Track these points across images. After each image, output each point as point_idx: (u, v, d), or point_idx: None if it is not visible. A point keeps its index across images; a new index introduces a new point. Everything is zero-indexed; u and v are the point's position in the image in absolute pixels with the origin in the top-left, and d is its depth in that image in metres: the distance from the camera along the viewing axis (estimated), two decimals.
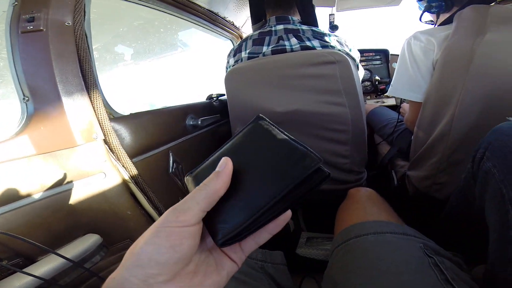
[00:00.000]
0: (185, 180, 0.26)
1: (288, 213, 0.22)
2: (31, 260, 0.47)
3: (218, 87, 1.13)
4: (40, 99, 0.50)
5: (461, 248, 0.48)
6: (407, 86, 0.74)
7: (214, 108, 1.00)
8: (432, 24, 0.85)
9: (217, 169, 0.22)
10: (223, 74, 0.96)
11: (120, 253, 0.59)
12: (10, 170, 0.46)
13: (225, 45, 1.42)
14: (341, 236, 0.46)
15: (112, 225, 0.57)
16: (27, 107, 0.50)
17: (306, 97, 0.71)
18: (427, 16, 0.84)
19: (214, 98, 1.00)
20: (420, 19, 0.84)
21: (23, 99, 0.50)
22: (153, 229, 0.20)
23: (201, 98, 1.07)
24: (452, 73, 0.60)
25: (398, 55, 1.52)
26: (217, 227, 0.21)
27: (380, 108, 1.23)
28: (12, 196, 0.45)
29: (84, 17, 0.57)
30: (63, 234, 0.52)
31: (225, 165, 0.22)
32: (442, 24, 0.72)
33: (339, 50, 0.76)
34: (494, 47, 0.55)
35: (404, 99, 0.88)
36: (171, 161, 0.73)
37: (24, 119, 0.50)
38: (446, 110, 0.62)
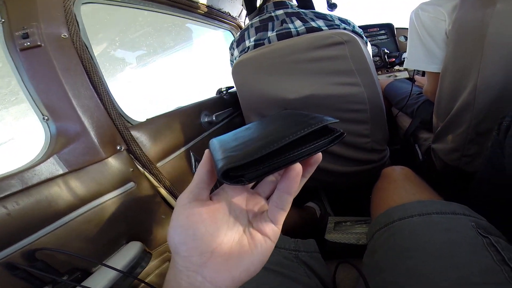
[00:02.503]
0: (209, 142, 0.27)
1: (298, 168, 0.21)
2: (87, 272, 0.50)
3: (226, 80, 1.12)
4: (59, 117, 0.52)
5: (497, 223, 0.46)
6: (423, 57, 0.72)
7: (225, 102, 1.01)
8: None
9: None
10: (227, 66, 0.96)
11: (161, 256, 0.61)
12: (49, 190, 0.48)
13: (224, 36, 1.40)
14: (383, 218, 0.44)
15: (150, 230, 0.59)
16: (49, 127, 0.52)
17: (318, 81, 0.69)
18: None
19: (224, 92, 1.00)
20: None
21: (43, 118, 0.52)
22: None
23: (210, 91, 1.08)
24: (468, 46, 0.59)
25: (403, 29, 1.50)
26: (222, 161, 0.20)
27: (396, 81, 1.19)
28: (57, 214, 0.48)
29: (79, 27, 0.57)
30: (108, 244, 0.54)
31: (204, 156, 0.25)
32: None
33: (345, 28, 0.74)
34: (507, 17, 0.53)
35: (418, 71, 0.85)
36: (193, 161, 0.74)
37: (50, 139, 0.52)
38: (467, 81, 0.61)
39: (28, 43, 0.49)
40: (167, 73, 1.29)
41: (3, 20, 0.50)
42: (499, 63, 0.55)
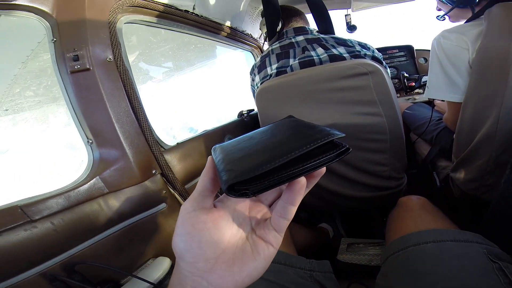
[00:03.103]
0: (212, 149, 0.27)
1: (303, 181, 0.21)
2: (117, 284, 0.54)
3: (246, 100, 1.16)
4: (102, 141, 0.55)
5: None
6: (444, 86, 0.71)
7: (246, 124, 1.05)
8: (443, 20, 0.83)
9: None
10: (247, 86, 0.99)
11: None
12: (91, 208, 0.53)
13: (245, 55, 1.45)
14: (398, 244, 0.46)
15: None
16: (92, 151, 0.56)
17: (341, 111, 0.71)
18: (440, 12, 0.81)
19: (245, 115, 1.04)
20: (447, 15, 0.80)
21: (88, 142, 0.56)
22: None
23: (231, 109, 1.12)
24: (492, 76, 0.58)
25: (423, 50, 1.47)
26: (227, 173, 0.20)
27: (415, 106, 1.18)
28: (97, 229, 0.52)
29: (121, 49, 0.58)
30: (137, 258, 0.59)
31: (207, 163, 0.24)
32: (468, 20, 0.69)
33: (365, 54, 0.75)
34: None
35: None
36: None
37: (93, 162, 0.56)
38: (489, 112, 0.60)
39: (78, 66, 0.51)
40: (190, 88, 1.34)
41: (54, 39, 0.52)
42: None
